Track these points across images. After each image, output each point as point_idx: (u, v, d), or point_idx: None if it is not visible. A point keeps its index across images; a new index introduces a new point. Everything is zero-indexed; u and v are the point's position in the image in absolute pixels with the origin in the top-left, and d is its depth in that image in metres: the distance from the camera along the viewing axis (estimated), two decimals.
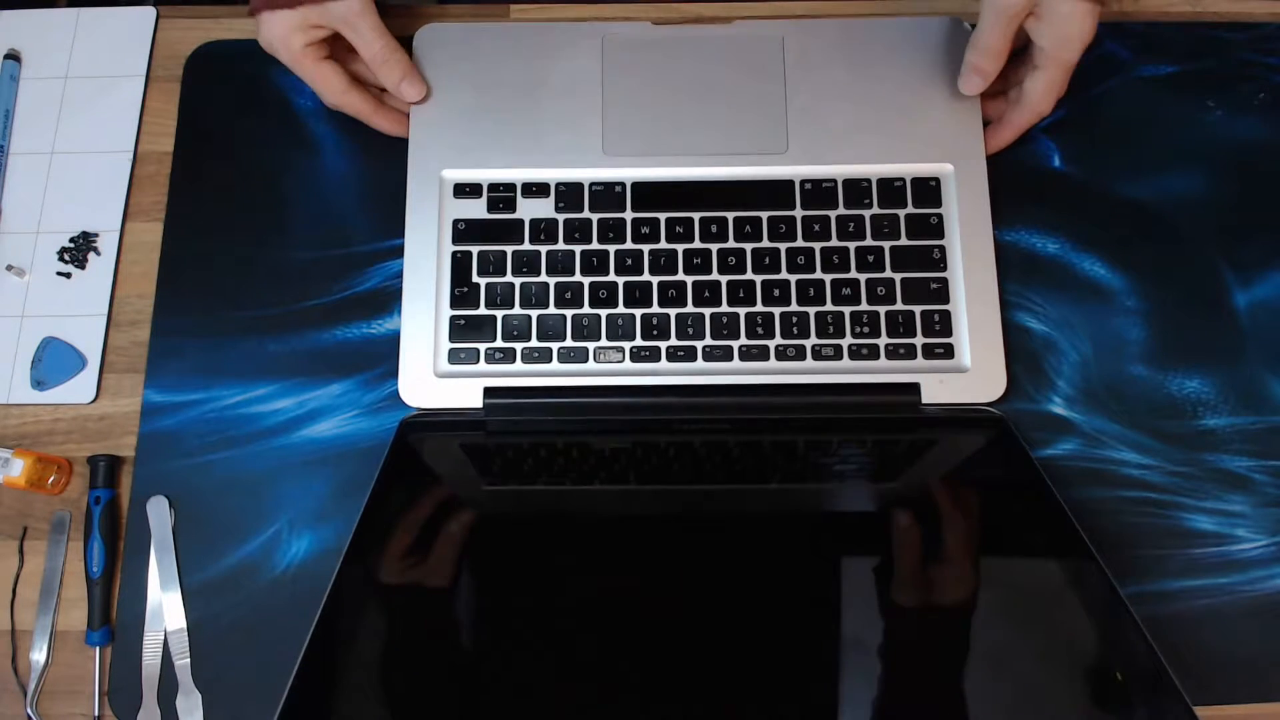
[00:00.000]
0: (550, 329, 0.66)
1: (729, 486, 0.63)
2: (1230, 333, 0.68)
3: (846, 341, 0.66)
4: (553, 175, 0.68)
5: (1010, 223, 0.70)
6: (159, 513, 0.64)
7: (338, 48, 0.68)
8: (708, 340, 0.66)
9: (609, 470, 0.64)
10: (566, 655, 0.52)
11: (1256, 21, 0.74)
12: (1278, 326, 0.68)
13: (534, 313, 0.66)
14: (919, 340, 0.66)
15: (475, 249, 0.67)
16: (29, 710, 0.62)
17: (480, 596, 0.56)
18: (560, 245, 0.67)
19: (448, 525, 0.60)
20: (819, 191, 0.68)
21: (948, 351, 0.66)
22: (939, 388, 0.65)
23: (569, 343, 0.66)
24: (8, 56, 0.73)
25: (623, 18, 0.74)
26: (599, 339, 0.66)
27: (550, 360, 0.66)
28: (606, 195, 0.68)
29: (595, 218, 0.68)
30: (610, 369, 0.66)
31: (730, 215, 0.67)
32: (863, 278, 0.67)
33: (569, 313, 0.66)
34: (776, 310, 0.66)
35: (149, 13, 0.75)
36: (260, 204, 0.70)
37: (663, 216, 0.68)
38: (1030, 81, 0.66)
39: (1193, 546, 0.64)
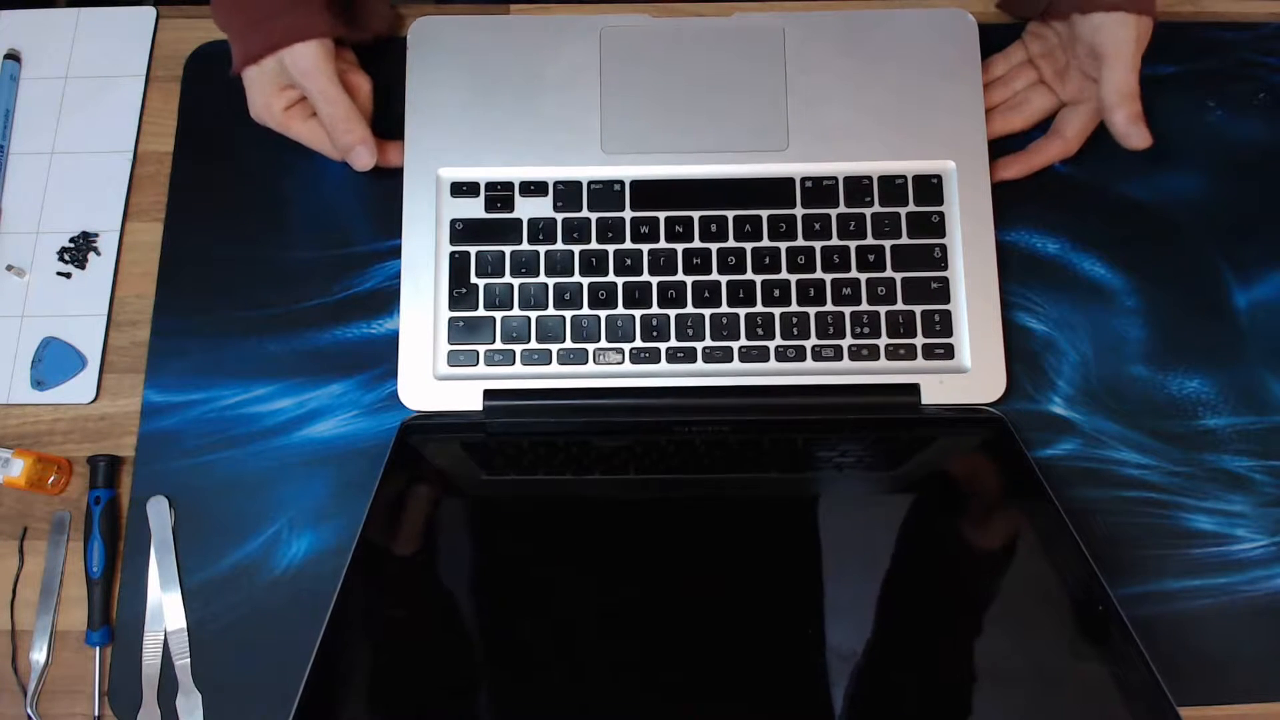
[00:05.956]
0: (549, 331, 0.66)
1: (729, 488, 0.63)
2: (1230, 333, 0.68)
3: (846, 342, 0.66)
4: (551, 174, 0.68)
5: (1010, 223, 0.70)
6: (159, 513, 0.64)
7: None
8: (707, 341, 0.66)
9: (609, 470, 0.64)
10: (573, 653, 0.52)
11: (1256, 21, 0.74)
12: (1278, 326, 0.68)
13: (533, 314, 0.66)
14: (919, 340, 0.66)
15: (473, 249, 0.67)
16: (29, 710, 0.62)
17: (485, 596, 0.56)
18: (559, 245, 0.67)
19: (451, 527, 0.60)
20: (820, 189, 0.68)
21: (948, 352, 0.66)
22: (939, 388, 0.65)
23: (568, 344, 0.66)
24: (8, 56, 0.73)
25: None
26: (598, 340, 0.66)
27: (550, 362, 0.66)
28: (605, 194, 0.68)
29: (594, 217, 0.67)
30: (610, 370, 0.66)
31: (730, 214, 0.67)
32: (863, 277, 0.66)
33: (568, 314, 0.66)
34: (776, 311, 0.66)
35: (149, 13, 0.75)
36: (260, 204, 0.70)
37: (662, 215, 0.67)
38: (1073, 116, 0.68)
39: (1193, 546, 0.64)
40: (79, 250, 0.69)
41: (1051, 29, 0.69)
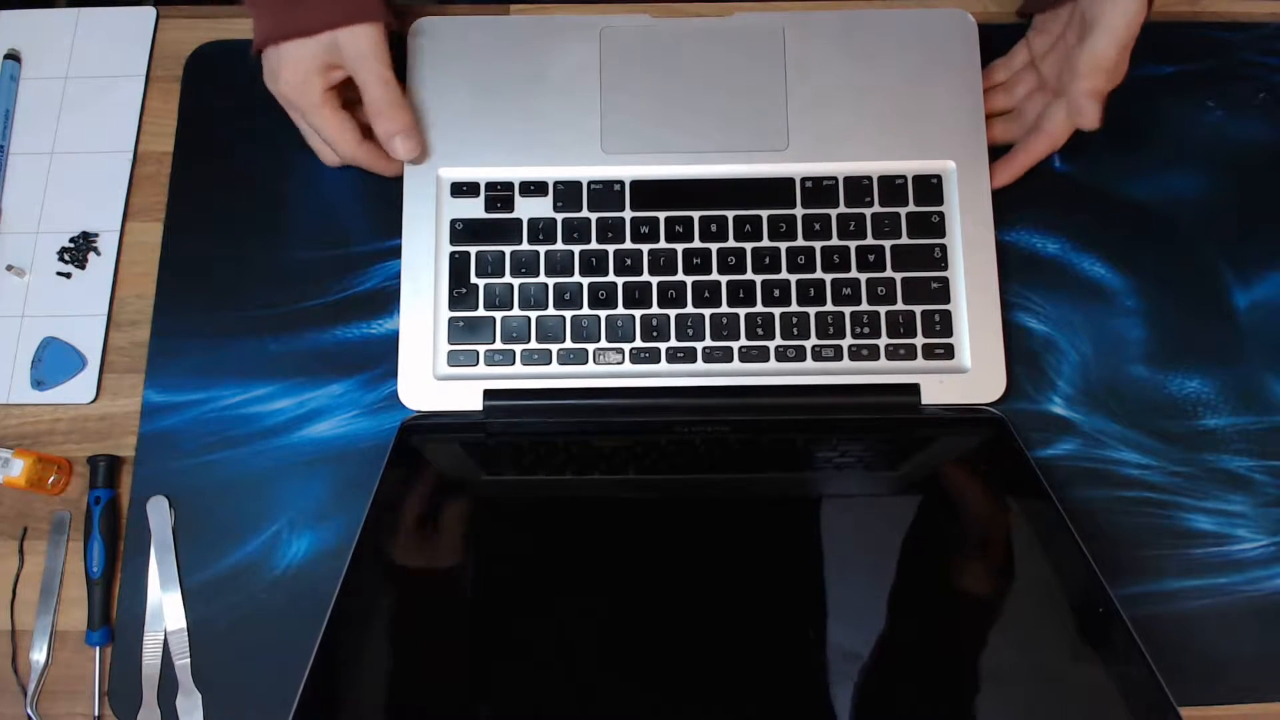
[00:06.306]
0: (549, 331, 0.66)
1: (730, 488, 0.63)
2: (1230, 333, 0.68)
3: (846, 342, 0.66)
4: (551, 174, 0.68)
5: (1010, 223, 0.70)
6: (159, 513, 0.64)
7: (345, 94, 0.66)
8: (707, 341, 0.66)
9: (609, 471, 0.64)
10: (573, 653, 0.52)
11: (1256, 21, 0.74)
12: (1278, 326, 0.68)
13: (533, 314, 0.66)
14: (919, 340, 0.66)
15: (473, 249, 0.67)
16: (29, 710, 0.62)
17: (485, 596, 0.56)
18: (559, 245, 0.67)
19: (451, 527, 0.60)
20: (820, 190, 0.68)
21: (948, 352, 0.66)
22: (939, 388, 0.65)
23: (568, 344, 0.66)
24: (8, 56, 0.73)
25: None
26: (598, 340, 0.66)
27: (550, 362, 0.66)
28: (605, 194, 0.68)
29: (594, 217, 0.67)
30: (610, 370, 0.66)
31: (730, 214, 0.67)
32: (863, 277, 0.66)
33: (568, 314, 0.66)
34: (776, 311, 0.66)
35: (149, 13, 0.75)
36: (260, 204, 0.70)
37: (662, 215, 0.67)
38: (1058, 109, 0.66)
39: (1193, 546, 0.64)
40: (79, 250, 0.69)
41: (1059, 18, 0.68)
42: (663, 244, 0.67)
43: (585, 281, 0.67)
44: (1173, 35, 0.73)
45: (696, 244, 0.67)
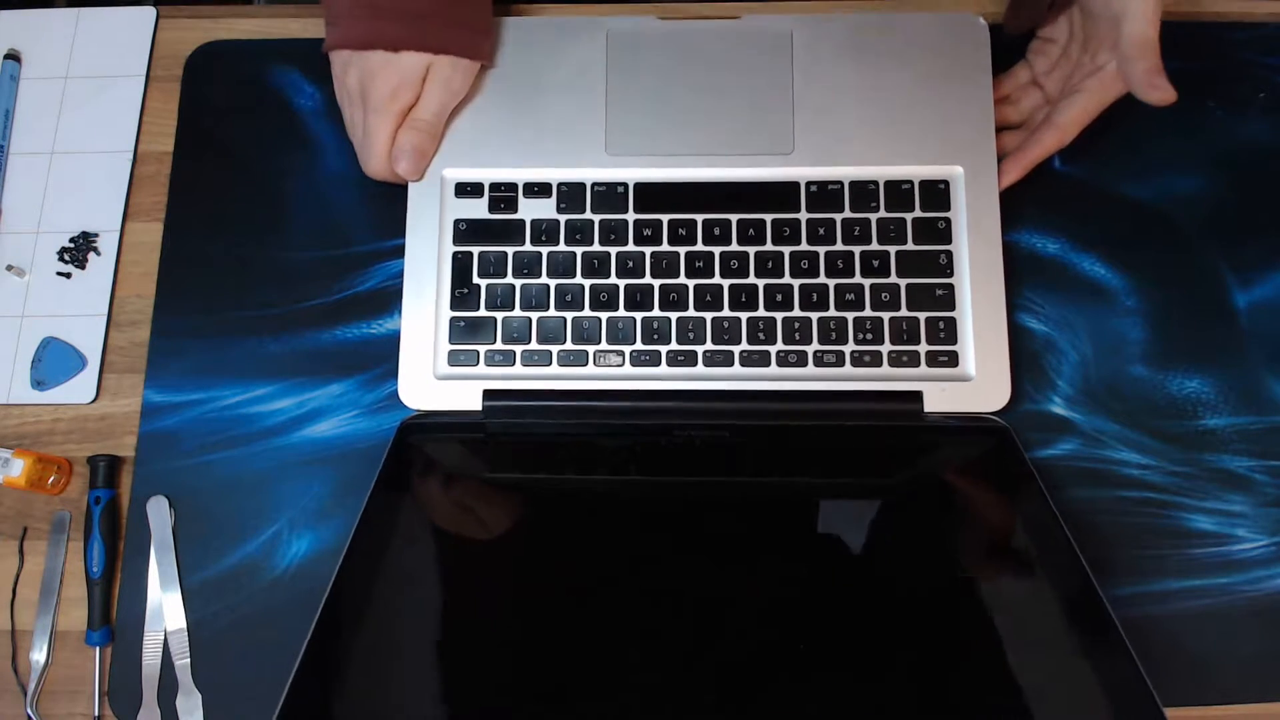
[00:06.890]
0: (550, 332, 0.66)
1: (729, 492, 0.63)
2: (1230, 333, 0.68)
3: (849, 348, 0.65)
4: (555, 175, 0.68)
5: (1011, 223, 0.69)
6: (159, 513, 0.64)
7: None
8: (708, 345, 0.65)
9: (608, 472, 0.64)
10: (568, 654, 0.52)
11: (1256, 21, 0.74)
12: (1278, 326, 0.68)
13: (534, 315, 0.66)
14: (923, 348, 0.65)
15: (476, 250, 0.67)
16: (29, 710, 0.62)
17: (481, 596, 0.56)
18: (561, 247, 0.67)
19: (449, 527, 0.60)
20: (825, 194, 0.67)
21: (952, 360, 0.65)
22: (942, 396, 0.64)
23: (569, 346, 0.66)
24: (8, 56, 0.73)
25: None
26: (599, 342, 0.66)
27: (550, 363, 0.66)
28: (609, 196, 0.68)
29: (597, 219, 0.67)
30: (610, 372, 0.65)
31: (734, 218, 0.67)
32: (867, 283, 0.66)
33: (569, 315, 0.66)
34: (779, 315, 0.66)
35: (149, 13, 0.75)
36: (260, 204, 0.70)
37: (665, 218, 0.67)
38: (1068, 105, 0.66)
39: (1193, 546, 0.64)
40: (79, 250, 0.69)
41: (1056, 41, 0.68)
42: (665, 247, 0.67)
43: (587, 283, 0.66)
44: (1173, 35, 0.73)
45: (699, 247, 0.67)
